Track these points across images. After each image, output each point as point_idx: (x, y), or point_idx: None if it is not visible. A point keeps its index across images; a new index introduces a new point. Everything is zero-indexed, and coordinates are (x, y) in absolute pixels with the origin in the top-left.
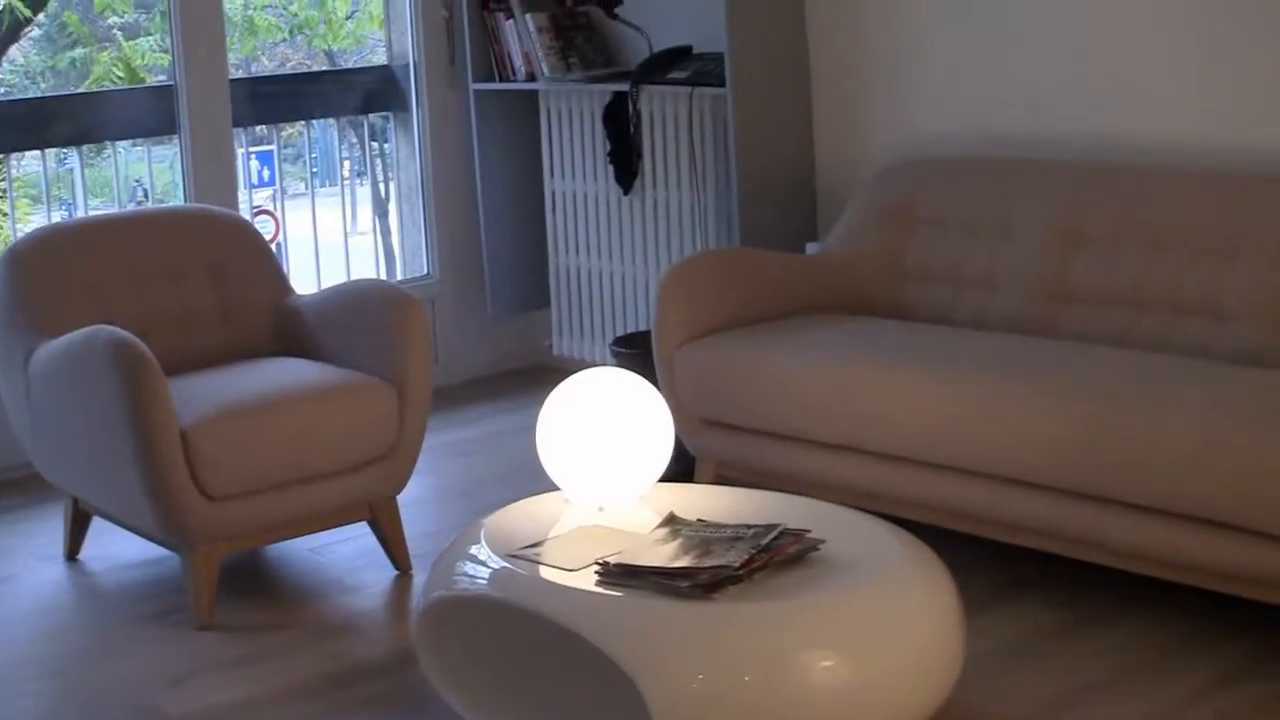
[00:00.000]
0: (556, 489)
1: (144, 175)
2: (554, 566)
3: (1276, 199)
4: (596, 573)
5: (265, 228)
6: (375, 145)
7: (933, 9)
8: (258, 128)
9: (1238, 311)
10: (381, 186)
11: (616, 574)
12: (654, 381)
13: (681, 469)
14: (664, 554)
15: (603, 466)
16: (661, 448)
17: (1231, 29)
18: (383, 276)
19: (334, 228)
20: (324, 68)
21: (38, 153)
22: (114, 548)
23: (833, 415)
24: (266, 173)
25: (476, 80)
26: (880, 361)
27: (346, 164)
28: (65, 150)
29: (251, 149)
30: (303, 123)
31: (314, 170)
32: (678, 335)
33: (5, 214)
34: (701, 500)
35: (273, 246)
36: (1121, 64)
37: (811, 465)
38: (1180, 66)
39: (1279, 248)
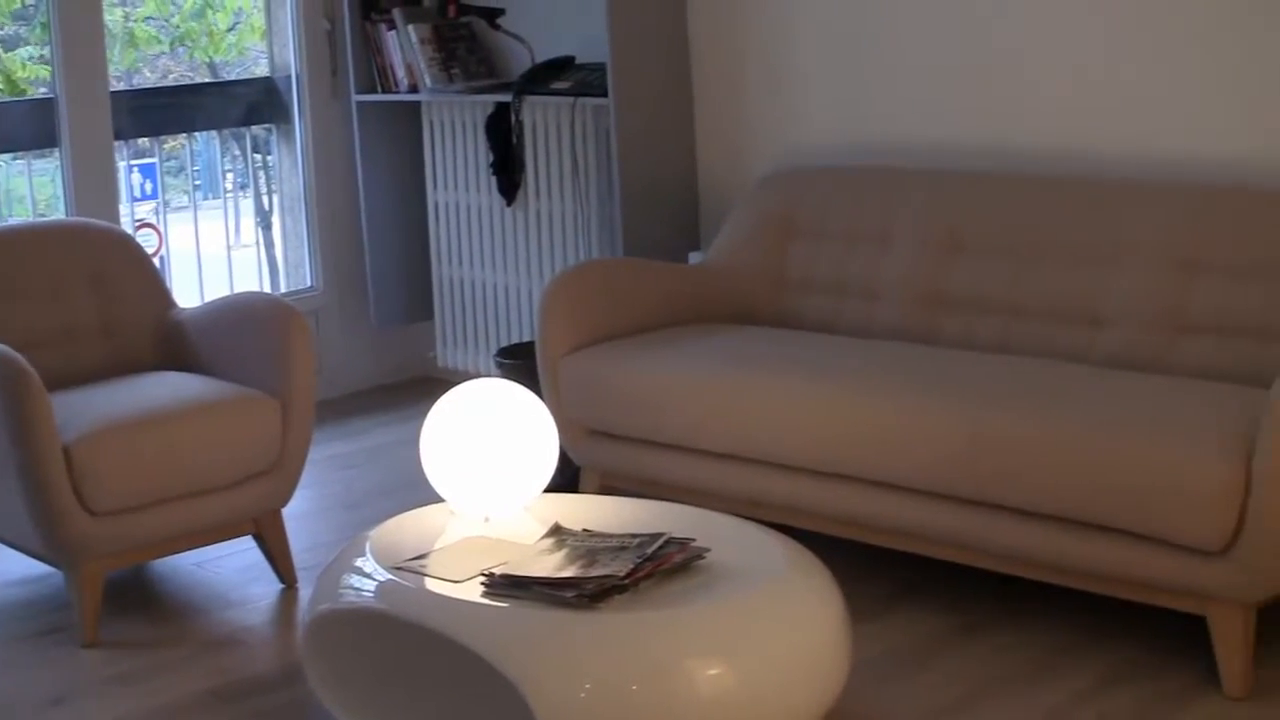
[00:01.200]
0: (441, 501)
1: None
2: (440, 578)
3: (1150, 205)
4: (482, 584)
5: (148, 241)
6: (258, 157)
7: (813, 20)
8: (140, 140)
9: (1114, 317)
10: (265, 199)
11: (502, 585)
12: (538, 392)
13: (566, 479)
14: (549, 564)
15: (488, 477)
16: (546, 458)
17: (1103, 36)
18: (266, 289)
19: (217, 240)
20: (206, 80)
21: None
22: None
23: (716, 424)
24: (149, 186)
25: (359, 92)
26: (763, 370)
27: (229, 176)
28: None
29: (133, 162)
30: (185, 135)
31: (197, 183)
32: (561, 345)
33: None
34: (587, 510)
35: (156, 260)
36: (998, 74)
37: (696, 474)
38: (1054, 75)
39: (1153, 253)
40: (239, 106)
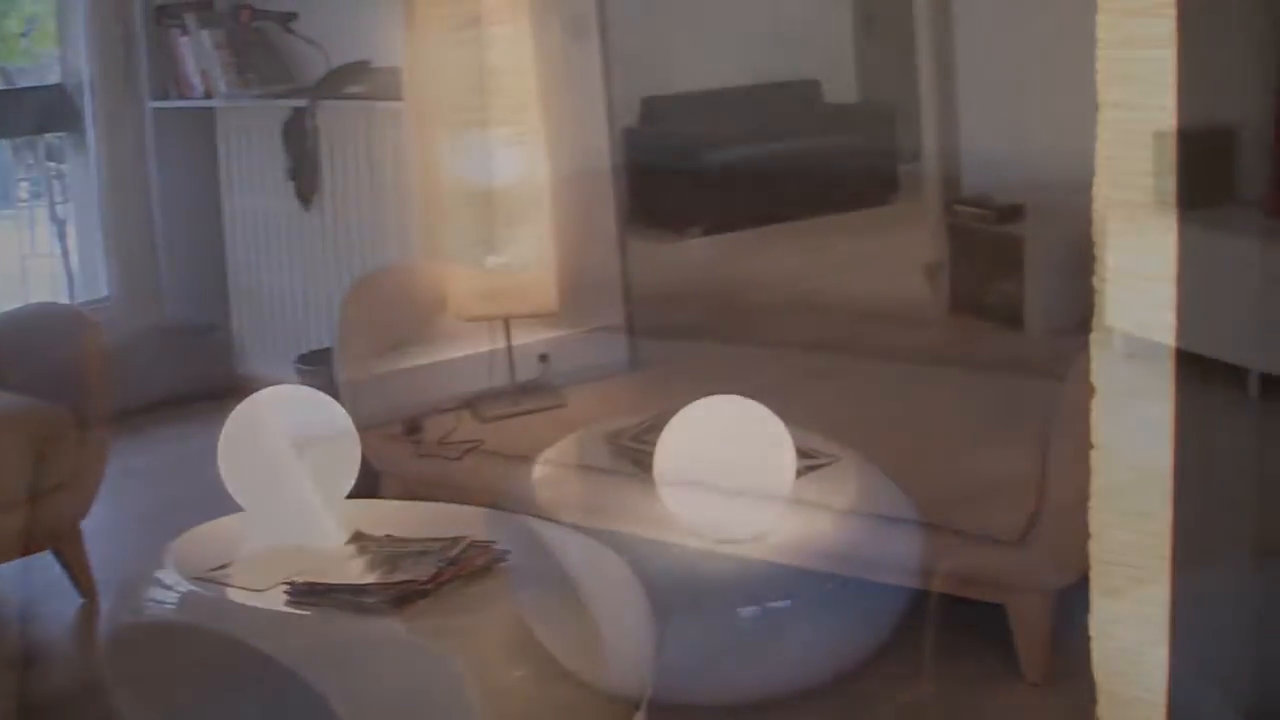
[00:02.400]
0: (241, 510)
1: None
2: (242, 588)
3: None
4: (285, 593)
5: None
6: (52, 165)
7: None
8: None
9: (915, 316)
10: (59, 208)
11: (304, 593)
12: (339, 398)
13: (368, 485)
14: (352, 571)
15: (288, 485)
16: (347, 464)
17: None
18: (62, 299)
19: (12, 251)
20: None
21: None
22: None
23: (513, 424)
24: None
25: (153, 98)
26: (561, 371)
27: (24, 185)
28: None
29: None
30: None
31: None
32: (360, 350)
33: None
34: (388, 515)
35: None
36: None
37: (496, 477)
38: (852, 74)
39: (956, 251)
40: (31, 114)
